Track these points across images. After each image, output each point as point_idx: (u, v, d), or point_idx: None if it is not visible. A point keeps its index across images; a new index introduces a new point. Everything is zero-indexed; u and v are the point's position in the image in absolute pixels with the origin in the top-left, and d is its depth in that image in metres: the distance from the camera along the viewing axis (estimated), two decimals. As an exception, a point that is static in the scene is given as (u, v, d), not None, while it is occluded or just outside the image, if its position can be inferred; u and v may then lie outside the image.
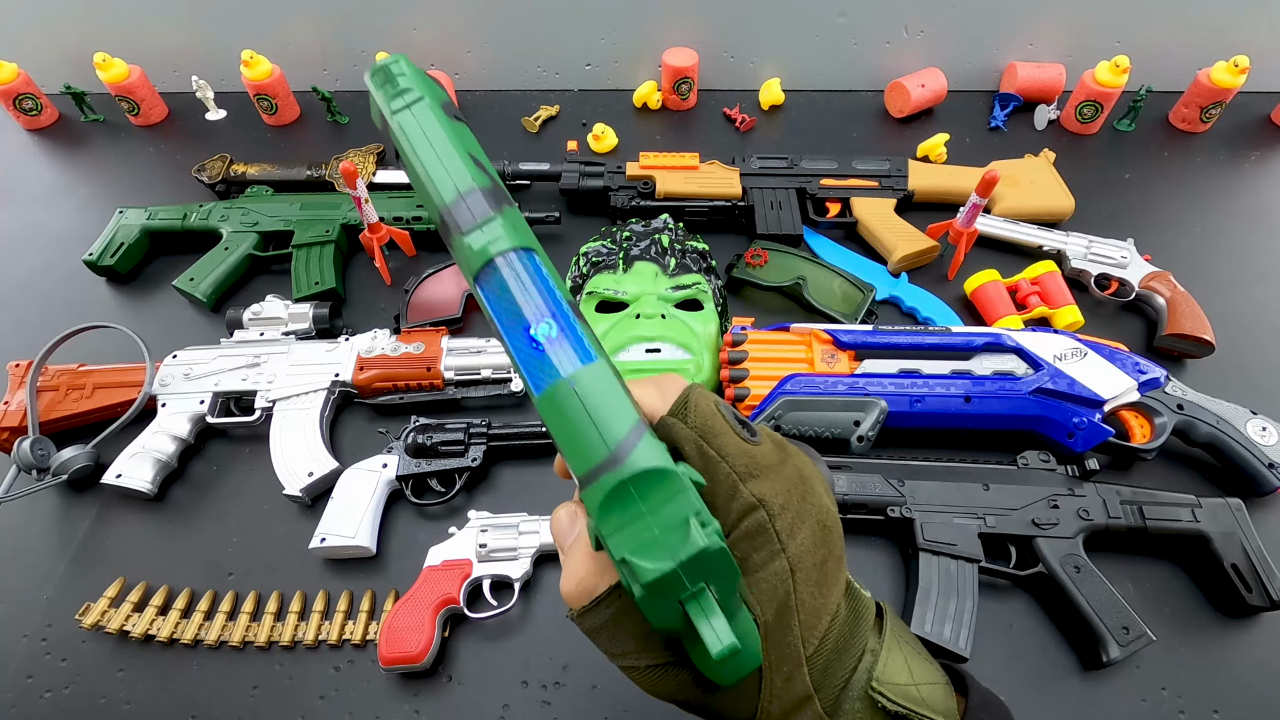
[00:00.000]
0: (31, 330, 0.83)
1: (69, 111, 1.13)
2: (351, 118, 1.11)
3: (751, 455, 0.26)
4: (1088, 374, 0.67)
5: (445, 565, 0.63)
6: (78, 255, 0.88)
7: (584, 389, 0.24)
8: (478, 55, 1.11)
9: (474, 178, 0.25)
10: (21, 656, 0.62)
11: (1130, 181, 0.98)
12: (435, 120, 0.25)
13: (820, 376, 0.69)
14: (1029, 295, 0.81)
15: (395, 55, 0.27)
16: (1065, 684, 0.58)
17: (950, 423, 0.69)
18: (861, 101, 1.12)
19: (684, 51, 1.06)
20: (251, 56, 1.02)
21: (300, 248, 0.87)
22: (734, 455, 0.26)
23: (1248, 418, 0.67)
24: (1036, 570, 0.61)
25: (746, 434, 0.27)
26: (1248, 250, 0.90)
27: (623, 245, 0.78)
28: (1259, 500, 0.67)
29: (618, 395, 0.24)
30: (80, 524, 0.69)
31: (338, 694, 0.59)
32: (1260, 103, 1.07)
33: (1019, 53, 1.08)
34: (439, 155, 0.25)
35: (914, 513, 0.63)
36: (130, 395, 0.73)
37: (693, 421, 0.26)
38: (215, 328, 0.83)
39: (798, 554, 0.26)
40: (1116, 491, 0.63)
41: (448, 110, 0.26)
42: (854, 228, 0.92)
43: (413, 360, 0.74)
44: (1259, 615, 0.61)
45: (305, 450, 0.70)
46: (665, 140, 1.07)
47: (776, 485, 0.26)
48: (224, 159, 0.97)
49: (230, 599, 0.64)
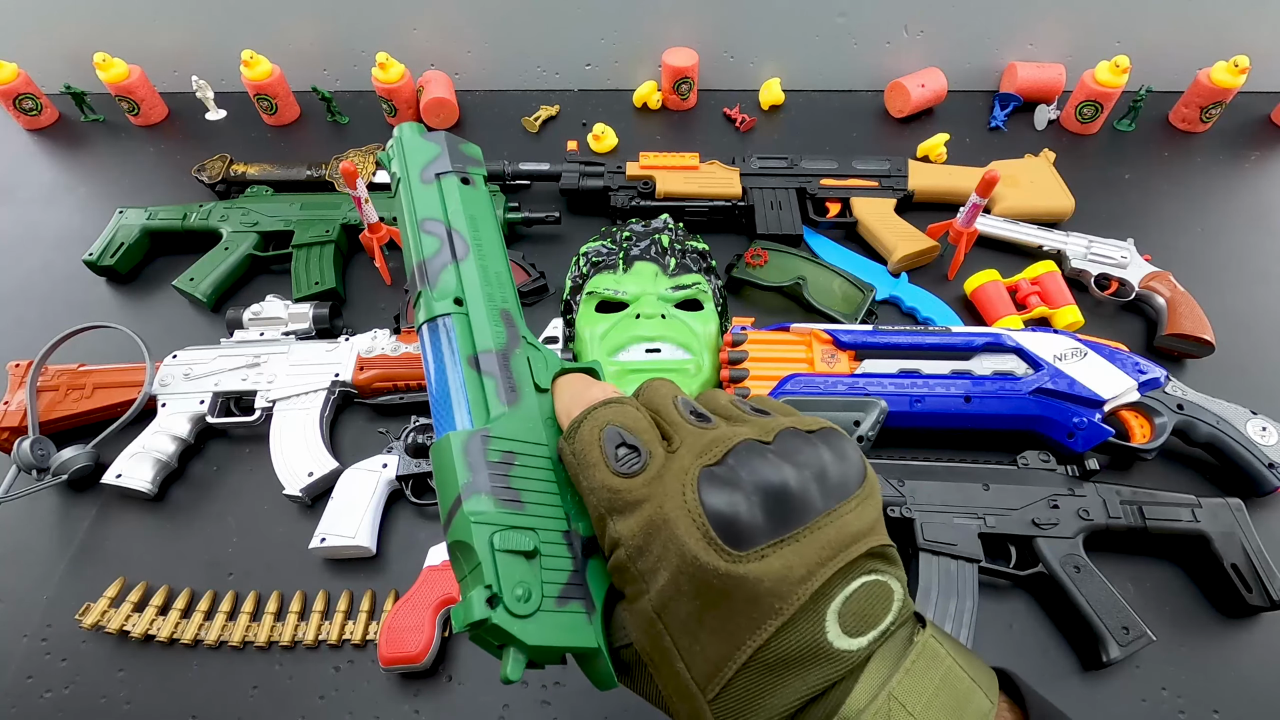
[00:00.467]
0: (31, 330, 0.83)
1: (69, 111, 1.13)
2: (351, 118, 1.11)
3: (615, 490, 0.25)
4: (1088, 374, 0.67)
5: (445, 565, 0.62)
6: (78, 255, 0.88)
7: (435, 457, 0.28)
8: (478, 55, 1.12)
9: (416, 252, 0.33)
10: (21, 656, 0.62)
11: (1130, 181, 0.98)
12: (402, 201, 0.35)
13: (820, 376, 0.69)
14: (1029, 295, 0.81)
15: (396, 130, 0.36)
16: (1065, 684, 0.58)
17: (950, 423, 0.69)
18: (861, 101, 1.12)
19: (684, 51, 1.06)
20: (251, 56, 1.02)
21: (300, 248, 0.87)
22: (597, 491, 0.26)
23: (1248, 418, 0.67)
24: (1036, 570, 0.60)
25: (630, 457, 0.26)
26: (1248, 250, 0.90)
27: (623, 245, 0.78)
28: (1259, 500, 0.67)
29: (454, 468, 0.27)
30: (80, 524, 0.69)
31: (338, 694, 0.59)
32: (1260, 103, 1.07)
33: (1019, 53, 1.08)
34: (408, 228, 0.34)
35: (914, 513, 0.63)
36: (130, 395, 0.73)
37: (575, 448, 0.27)
38: (215, 328, 0.83)
39: (660, 600, 0.24)
40: (1116, 491, 0.63)
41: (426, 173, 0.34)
42: (854, 228, 0.92)
43: (413, 360, 0.74)
44: (1259, 615, 0.61)
45: (305, 450, 0.70)
46: (665, 140, 1.08)
47: (635, 524, 0.25)
48: (224, 159, 0.97)
49: (230, 599, 0.64)
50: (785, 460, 0.24)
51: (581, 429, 0.27)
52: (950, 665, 0.24)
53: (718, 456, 0.25)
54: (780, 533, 0.23)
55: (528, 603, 0.25)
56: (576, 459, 0.27)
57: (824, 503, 0.24)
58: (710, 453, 0.25)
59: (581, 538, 0.28)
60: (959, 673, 0.24)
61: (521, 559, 0.26)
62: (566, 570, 0.27)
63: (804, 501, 0.24)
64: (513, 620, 0.24)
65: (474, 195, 0.35)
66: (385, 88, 1.04)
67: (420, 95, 1.07)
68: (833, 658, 0.23)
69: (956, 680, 0.23)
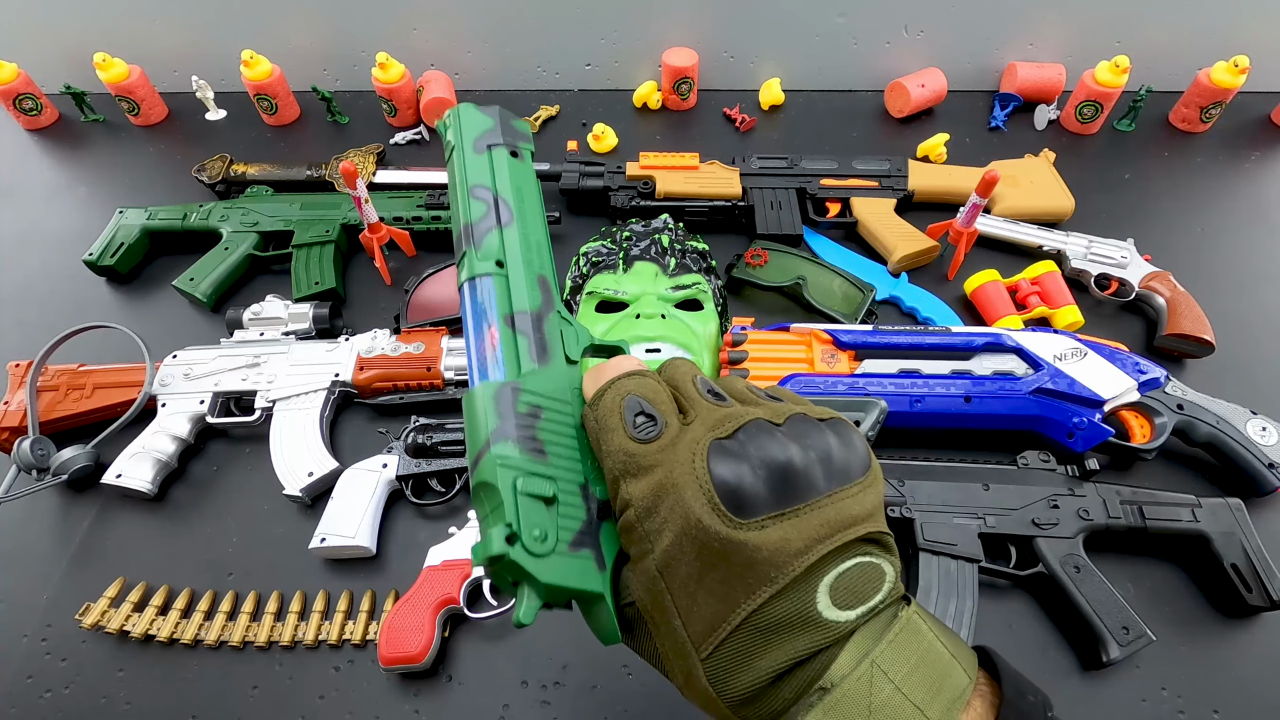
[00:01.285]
0: (31, 330, 0.83)
1: (69, 111, 1.13)
2: (351, 118, 1.11)
3: (630, 455, 0.27)
4: (1088, 374, 0.67)
5: (445, 565, 0.63)
6: (78, 255, 0.88)
7: (467, 406, 0.29)
8: (478, 55, 1.12)
9: (463, 215, 0.34)
10: (21, 656, 0.62)
11: (1130, 181, 0.98)
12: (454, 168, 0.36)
13: (820, 376, 0.69)
14: (1029, 295, 0.81)
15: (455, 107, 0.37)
16: (1065, 684, 0.58)
17: (950, 423, 0.69)
18: (861, 101, 1.12)
19: (684, 51, 1.06)
20: (251, 56, 1.02)
21: (300, 248, 0.87)
22: (614, 454, 0.27)
23: (1248, 418, 0.67)
24: (1036, 570, 0.60)
25: (647, 425, 0.27)
26: (1248, 250, 0.90)
27: (623, 245, 0.78)
28: (1259, 500, 0.67)
29: (485, 414, 0.28)
30: (80, 524, 0.69)
31: (338, 694, 0.59)
32: (1260, 103, 1.07)
33: (1019, 53, 1.08)
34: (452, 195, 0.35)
35: (914, 513, 0.63)
36: (130, 395, 0.73)
37: (598, 414, 0.28)
38: (215, 328, 0.83)
39: (663, 559, 0.26)
40: (1116, 491, 0.63)
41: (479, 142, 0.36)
42: (854, 228, 0.92)
43: (413, 360, 0.74)
44: (1259, 615, 0.61)
45: (305, 450, 0.70)
46: (665, 140, 1.08)
47: (645, 487, 0.26)
48: (224, 159, 0.97)
49: (230, 599, 0.64)
50: (793, 441, 0.26)
51: (605, 396, 0.29)
52: (932, 641, 0.25)
53: (729, 431, 0.26)
54: (781, 507, 0.24)
55: (543, 543, 0.26)
56: (598, 424, 0.28)
57: (826, 484, 0.25)
58: (722, 427, 0.26)
59: (597, 500, 0.29)
60: (940, 649, 0.25)
61: (541, 504, 0.27)
62: (580, 520, 0.28)
63: (807, 480, 0.25)
64: (529, 558, 0.26)
65: (521, 169, 0.37)
66: (385, 88, 1.04)
67: (420, 95, 1.07)
68: (822, 626, 0.24)
69: (937, 655, 0.24)
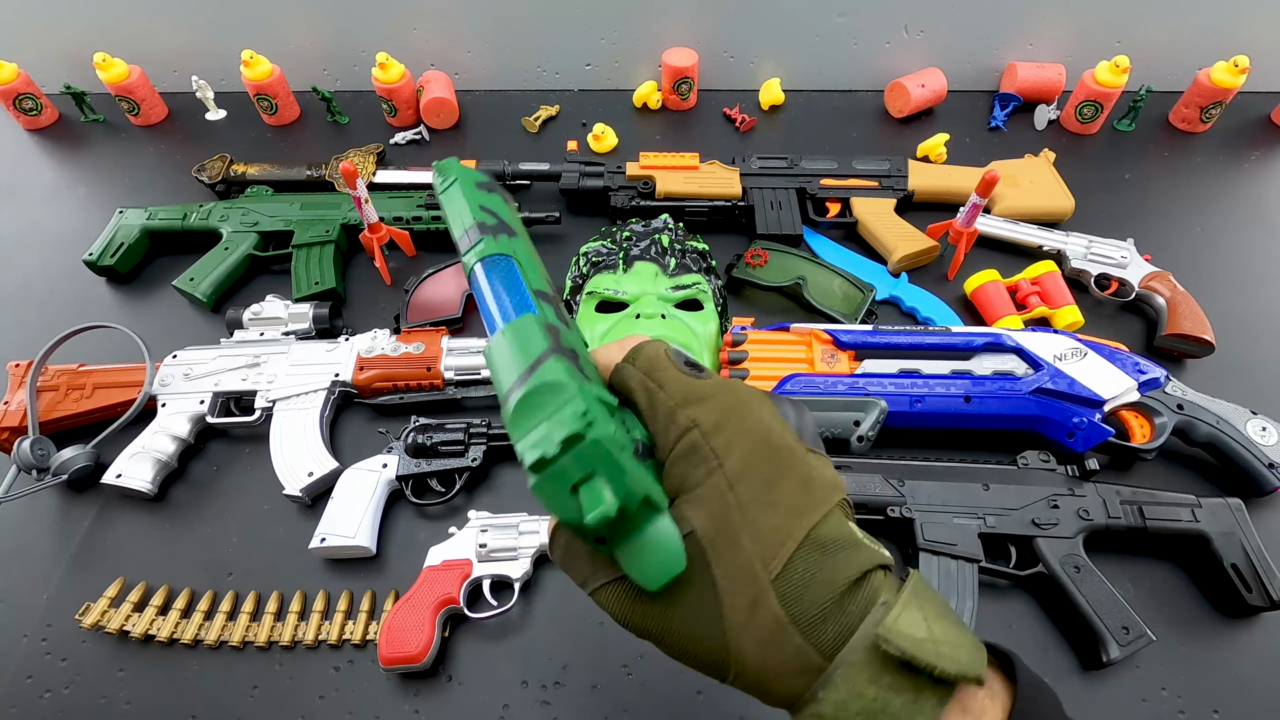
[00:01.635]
0: (31, 330, 0.83)
1: (69, 111, 1.13)
2: (351, 118, 1.11)
3: (690, 385, 0.28)
4: (1088, 374, 0.67)
5: (445, 565, 0.63)
6: (78, 255, 0.88)
7: (511, 334, 0.28)
8: (478, 55, 1.12)
9: (473, 218, 0.33)
10: (21, 656, 0.62)
11: (1130, 181, 0.98)
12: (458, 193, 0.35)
13: (820, 376, 0.69)
14: (1029, 295, 0.81)
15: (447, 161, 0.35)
16: (1065, 684, 0.58)
17: (950, 423, 0.69)
18: (861, 101, 1.12)
19: (684, 51, 1.06)
20: (251, 56, 1.02)
21: (300, 248, 0.87)
22: (672, 385, 0.28)
23: (1248, 418, 0.67)
24: (1036, 570, 0.61)
25: (694, 372, 0.29)
26: (1248, 250, 0.90)
27: (623, 245, 0.78)
28: (1259, 500, 0.67)
29: (535, 336, 0.27)
30: (80, 524, 0.69)
31: (338, 694, 0.59)
32: (1260, 103, 1.07)
33: (1019, 53, 1.08)
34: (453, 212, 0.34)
35: (914, 513, 0.63)
36: (130, 395, 0.73)
37: (639, 364, 0.29)
38: (215, 328, 0.83)
39: (737, 470, 0.26)
40: (1116, 491, 0.63)
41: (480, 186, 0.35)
42: (854, 228, 0.92)
43: (413, 360, 0.74)
44: (1259, 615, 0.61)
45: (305, 450, 0.70)
46: (665, 140, 1.08)
47: (712, 408, 0.27)
48: (224, 159, 0.97)
49: (230, 599, 0.64)
50: None
51: (644, 350, 0.30)
52: (941, 600, 0.27)
53: None
54: (817, 448, 0.29)
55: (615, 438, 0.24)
56: (646, 369, 0.29)
57: None
58: None
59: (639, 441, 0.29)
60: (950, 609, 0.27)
61: (606, 409, 0.26)
62: (631, 442, 0.28)
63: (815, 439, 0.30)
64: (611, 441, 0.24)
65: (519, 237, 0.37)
66: (385, 88, 1.04)
67: (420, 95, 1.07)
68: (863, 549, 0.26)
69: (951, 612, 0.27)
